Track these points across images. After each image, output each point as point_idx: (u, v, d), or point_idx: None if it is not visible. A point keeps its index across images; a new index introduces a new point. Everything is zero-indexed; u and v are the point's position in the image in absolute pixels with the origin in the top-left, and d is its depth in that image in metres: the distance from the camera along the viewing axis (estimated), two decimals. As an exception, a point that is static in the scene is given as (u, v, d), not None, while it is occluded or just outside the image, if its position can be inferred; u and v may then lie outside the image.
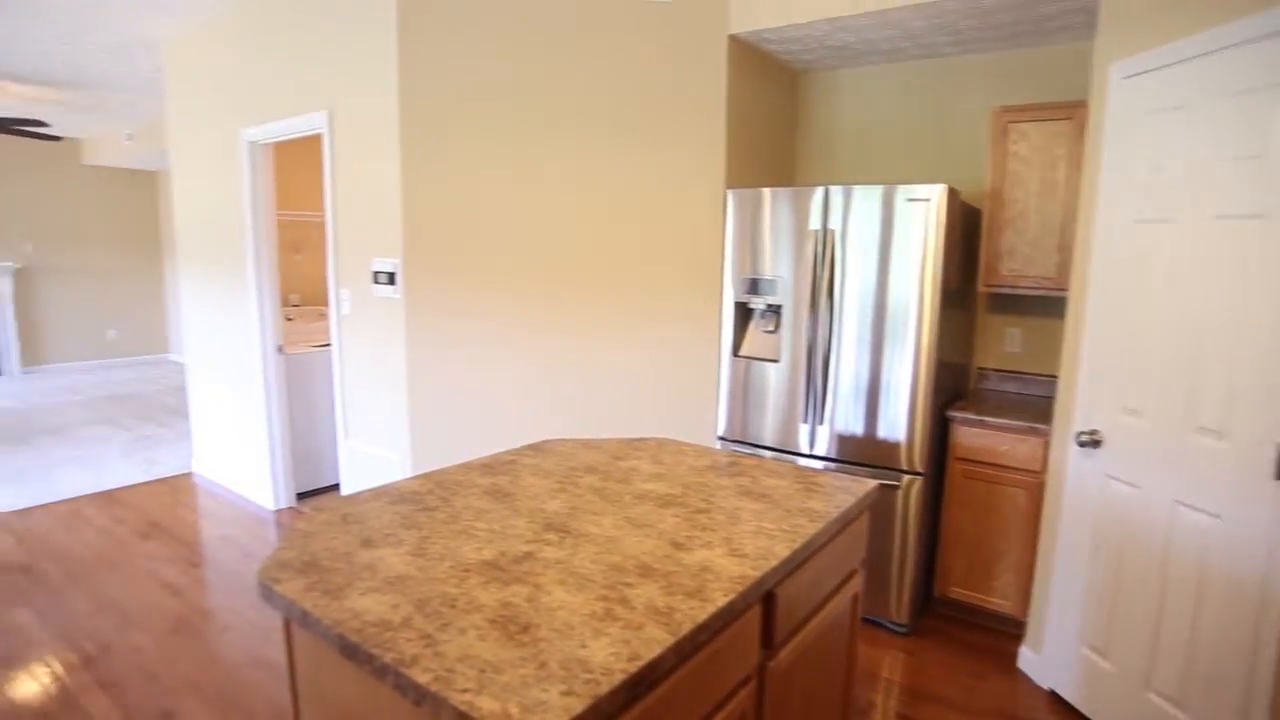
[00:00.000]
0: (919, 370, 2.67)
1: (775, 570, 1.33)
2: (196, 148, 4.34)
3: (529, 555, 1.33)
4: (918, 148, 3.30)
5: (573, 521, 1.50)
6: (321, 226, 5.03)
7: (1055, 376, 3.02)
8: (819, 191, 2.79)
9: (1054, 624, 2.42)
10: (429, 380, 3.17)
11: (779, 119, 3.41)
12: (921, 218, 2.60)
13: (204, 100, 4.21)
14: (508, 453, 2.01)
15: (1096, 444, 2.24)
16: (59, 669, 2.62)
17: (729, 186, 2.98)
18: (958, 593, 2.89)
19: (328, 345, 4.45)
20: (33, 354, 8.24)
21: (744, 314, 3.05)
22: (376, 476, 3.42)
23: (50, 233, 8.26)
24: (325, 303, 5.12)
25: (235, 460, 4.43)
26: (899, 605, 2.83)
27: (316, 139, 4.29)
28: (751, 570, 1.30)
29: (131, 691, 2.49)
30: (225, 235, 4.19)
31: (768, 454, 2.99)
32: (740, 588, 1.23)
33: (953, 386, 3.02)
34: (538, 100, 3.06)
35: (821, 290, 2.83)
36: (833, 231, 2.77)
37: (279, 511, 4.14)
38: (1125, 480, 2.15)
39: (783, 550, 1.39)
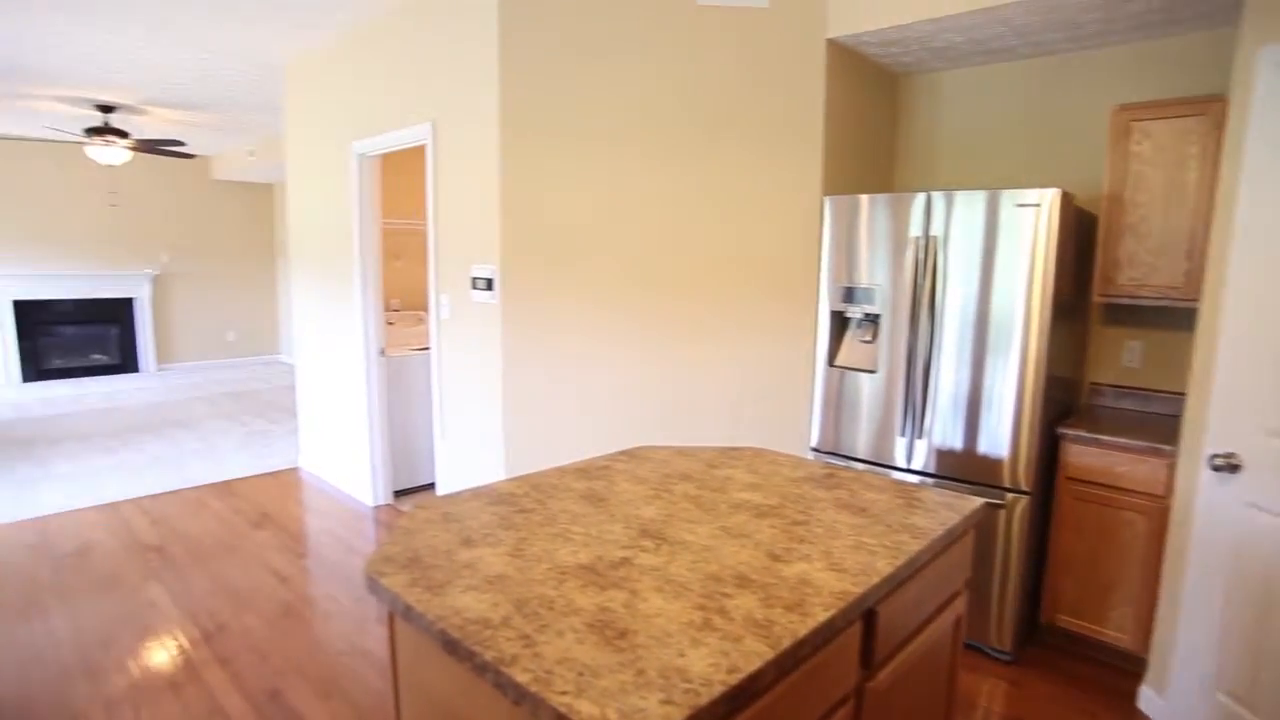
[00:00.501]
0: (1026, 384, 2.52)
1: (877, 587, 1.29)
2: (310, 160, 4.62)
3: (625, 561, 1.33)
4: (1025, 151, 3.14)
5: (668, 529, 1.49)
6: (420, 234, 5.27)
7: (1181, 393, 2.79)
8: (920, 198, 2.69)
9: (1182, 664, 2.23)
10: (522, 384, 3.24)
11: (877, 124, 3.32)
12: (1031, 224, 2.46)
13: (318, 116, 4.47)
14: (601, 458, 2.02)
15: (1234, 468, 2.05)
16: (184, 642, 2.82)
17: (826, 193, 2.92)
18: (1067, 622, 2.71)
19: (425, 349, 4.63)
20: (166, 353, 8.95)
21: (840, 323, 2.97)
22: (471, 477, 3.53)
23: (183, 242, 8.97)
24: (423, 307, 5.34)
25: (338, 457, 4.66)
26: (1001, 631, 2.68)
27: (419, 150, 4.49)
28: (852, 586, 1.26)
29: (244, 669, 2.65)
30: (333, 243, 4.43)
31: (860, 466, 2.90)
32: (841, 604, 1.20)
33: (1063, 402, 2.84)
34: (631, 110, 3.09)
35: (922, 299, 2.72)
36: (935, 238, 2.67)
37: (377, 508, 4.32)
38: (1272, 510, 1.96)
39: (885, 567, 1.34)
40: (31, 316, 8.02)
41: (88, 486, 4.60)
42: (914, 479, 2.79)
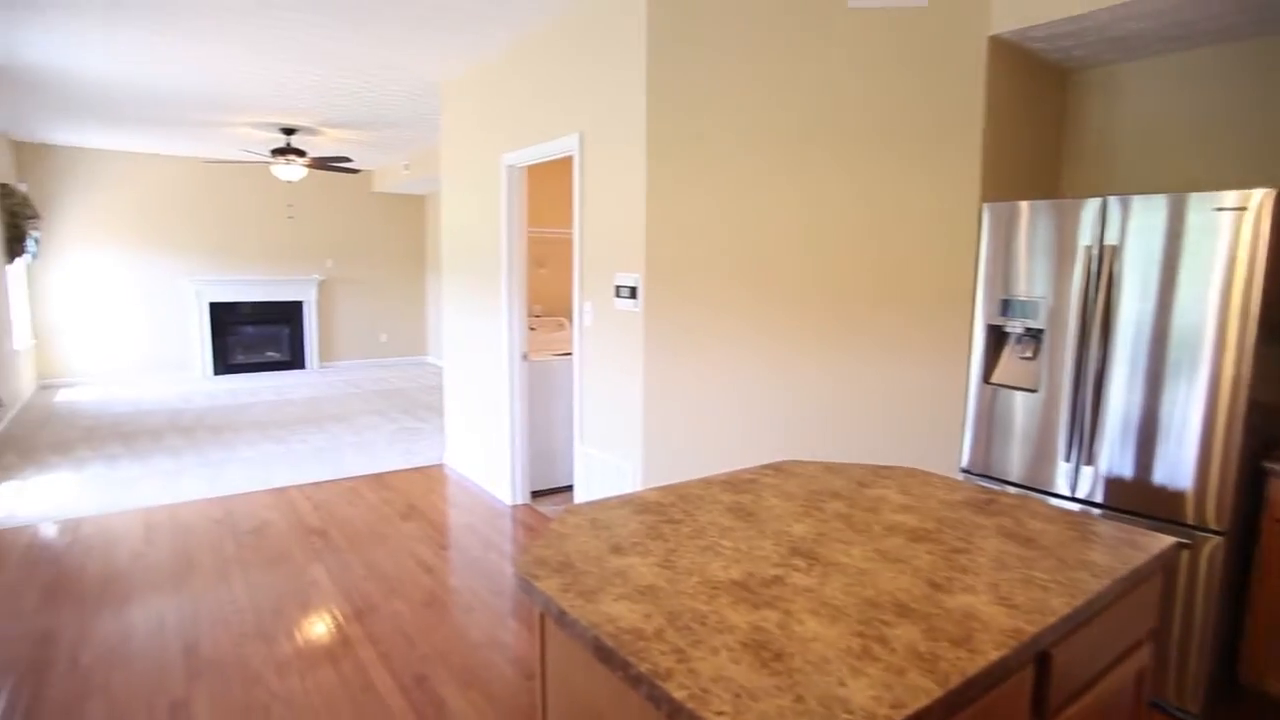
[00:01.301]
0: (1219, 409, 2.25)
1: (1052, 628, 1.18)
2: (462, 172, 4.90)
3: (777, 579, 1.30)
4: (1222, 149, 2.81)
5: (820, 548, 1.44)
6: (563, 243, 5.46)
7: None
8: (1093, 203, 2.47)
9: None
10: (662, 392, 3.26)
11: (1041, 124, 3.08)
12: (1230, 228, 2.19)
13: (470, 129, 4.73)
14: (747, 471, 1.99)
15: None
16: (340, 618, 3.05)
17: (984, 200, 2.74)
18: (1274, 686, 2.38)
19: (566, 354, 4.77)
20: (327, 352, 9.79)
21: (996, 338, 2.78)
22: (608, 482, 3.59)
23: (344, 250, 9.79)
24: (564, 314, 5.54)
25: (480, 456, 4.90)
26: (1184, 688, 2.39)
27: (565, 162, 4.65)
28: (1025, 624, 1.16)
29: (392, 650, 2.83)
30: (482, 251, 4.66)
31: (1014, 491, 2.69)
32: (1013, 642, 1.10)
33: (1269, 432, 2.51)
34: (777, 119, 3.05)
35: (1094, 313, 2.49)
36: (1110, 247, 2.44)
37: (515, 507, 4.50)
38: None
39: (1060, 606, 1.23)
40: (222, 317, 9.02)
41: (263, 471, 5.09)
42: (1077, 508, 2.56)
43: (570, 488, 4.82)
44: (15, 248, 6.94)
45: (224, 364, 9.09)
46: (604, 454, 3.57)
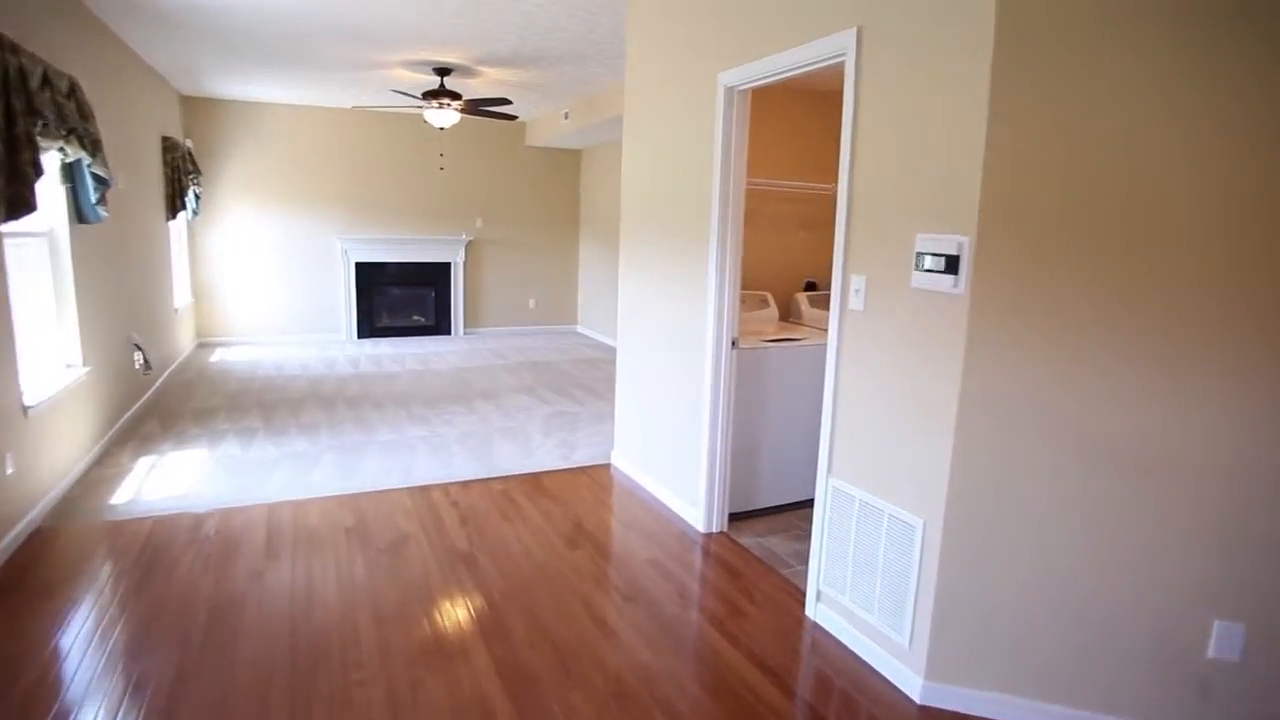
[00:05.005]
0: None
1: None
2: (654, 106, 3.82)
3: None
4: None
5: None
6: (772, 196, 4.26)
7: None
8: None
9: None
10: (996, 420, 2.06)
11: None
12: None
13: (670, 45, 3.63)
14: None
15: None
16: (495, 708, 2.12)
17: None
18: None
19: (779, 340, 3.64)
20: (473, 317, 9.19)
21: None
22: (874, 536, 2.45)
23: (494, 209, 9.09)
24: (766, 288, 4.37)
25: (659, 461, 3.88)
26: None
27: (789, 90, 3.41)
28: None
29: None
30: (678, 206, 3.59)
31: None
32: None
33: None
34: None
35: None
36: None
37: (709, 536, 3.45)
38: None
39: None
40: (368, 278, 8.58)
41: (404, 461, 4.34)
42: None
43: (777, 510, 3.72)
44: (176, 204, 6.64)
45: (369, 327, 8.67)
46: (872, 497, 2.43)
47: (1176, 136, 1.85)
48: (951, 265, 2.05)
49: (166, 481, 3.90)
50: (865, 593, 2.49)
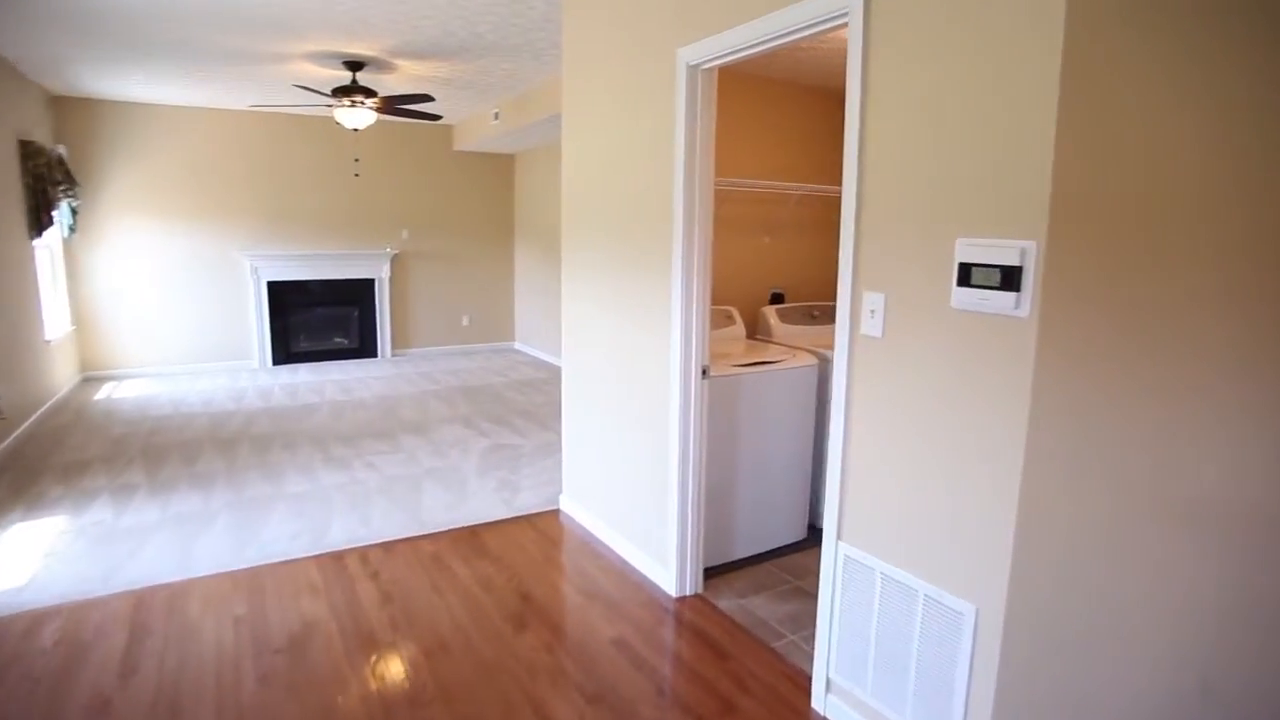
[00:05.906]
0: None
1: None
2: (599, 94, 3.27)
3: None
4: None
5: None
6: (728, 197, 3.74)
7: None
8: None
9: None
10: (1080, 481, 1.58)
11: None
12: None
13: (616, 21, 3.09)
14: None
15: None
16: None
17: None
18: None
19: (757, 365, 3.13)
20: (401, 338, 8.44)
21: None
22: (909, 623, 1.95)
23: (421, 219, 8.37)
24: (727, 302, 3.86)
25: (620, 510, 3.32)
26: None
27: (749, 76, 2.91)
28: None
29: None
30: (631, 209, 3.04)
31: None
32: None
33: None
34: None
35: None
36: None
37: (682, 601, 2.91)
38: None
39: None
40: (282, 298, 7.74)
41: (315, 519, 3.66)
42: None
43: (756, 559, 3.20)
44: (42, 219, 5.73)
45: (285, 353, 7.82)
46: (899, 572, 1.92)
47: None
48: (1010, 280, 1.56)
49: (2, 567, 3.12)
50: (894, 690, 1.98)
